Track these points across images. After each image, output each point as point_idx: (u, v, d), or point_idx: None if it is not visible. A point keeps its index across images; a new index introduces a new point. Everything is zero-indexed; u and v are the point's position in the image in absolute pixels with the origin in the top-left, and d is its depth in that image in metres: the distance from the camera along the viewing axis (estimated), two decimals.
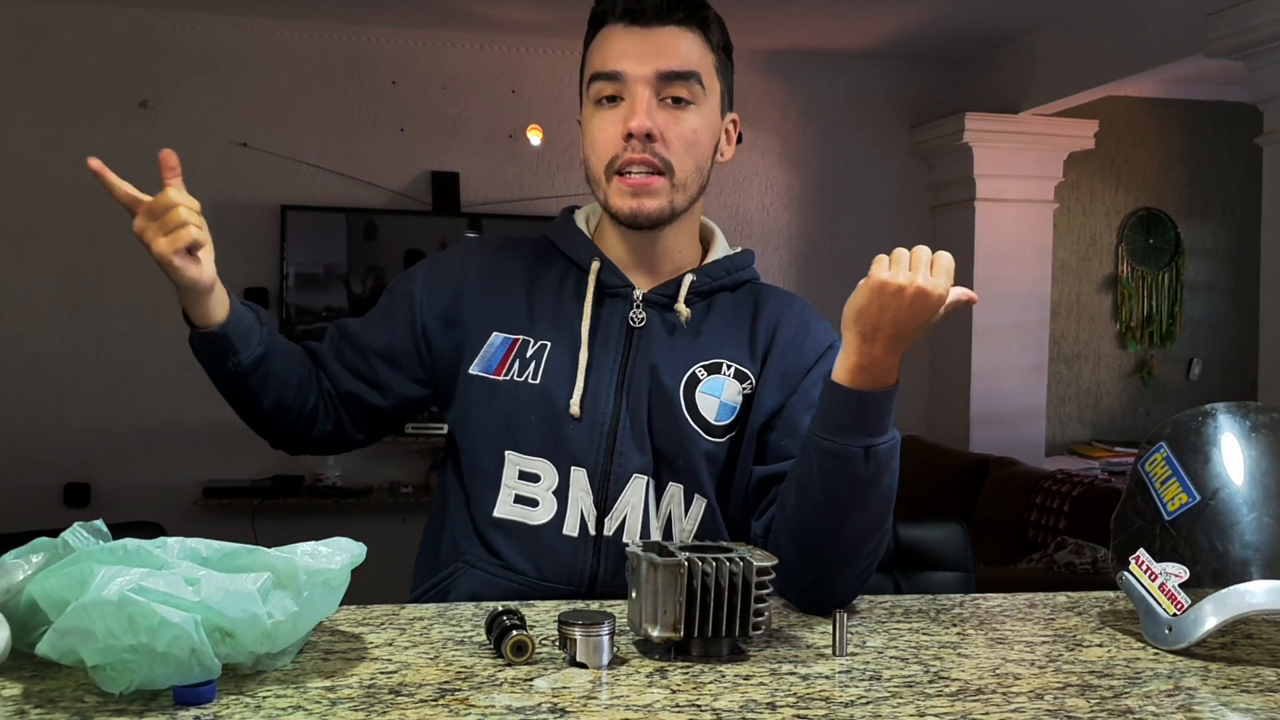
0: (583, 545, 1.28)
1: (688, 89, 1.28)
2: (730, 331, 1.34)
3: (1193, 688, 0.94)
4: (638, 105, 1.26)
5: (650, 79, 1.27)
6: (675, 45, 1.28)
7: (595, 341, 1.31)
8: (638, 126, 1.26)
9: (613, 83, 1.28)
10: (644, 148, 1.27)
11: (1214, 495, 1.07)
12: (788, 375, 1.32)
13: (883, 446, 1.15)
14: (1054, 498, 3.80)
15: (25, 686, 0.92)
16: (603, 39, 1.30)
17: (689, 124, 1.28)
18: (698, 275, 1.35)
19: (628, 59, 1.27)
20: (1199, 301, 5.38)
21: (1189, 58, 3.72)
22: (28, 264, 4.28)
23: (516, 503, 1.29)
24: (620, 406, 1.29)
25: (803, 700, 0.89)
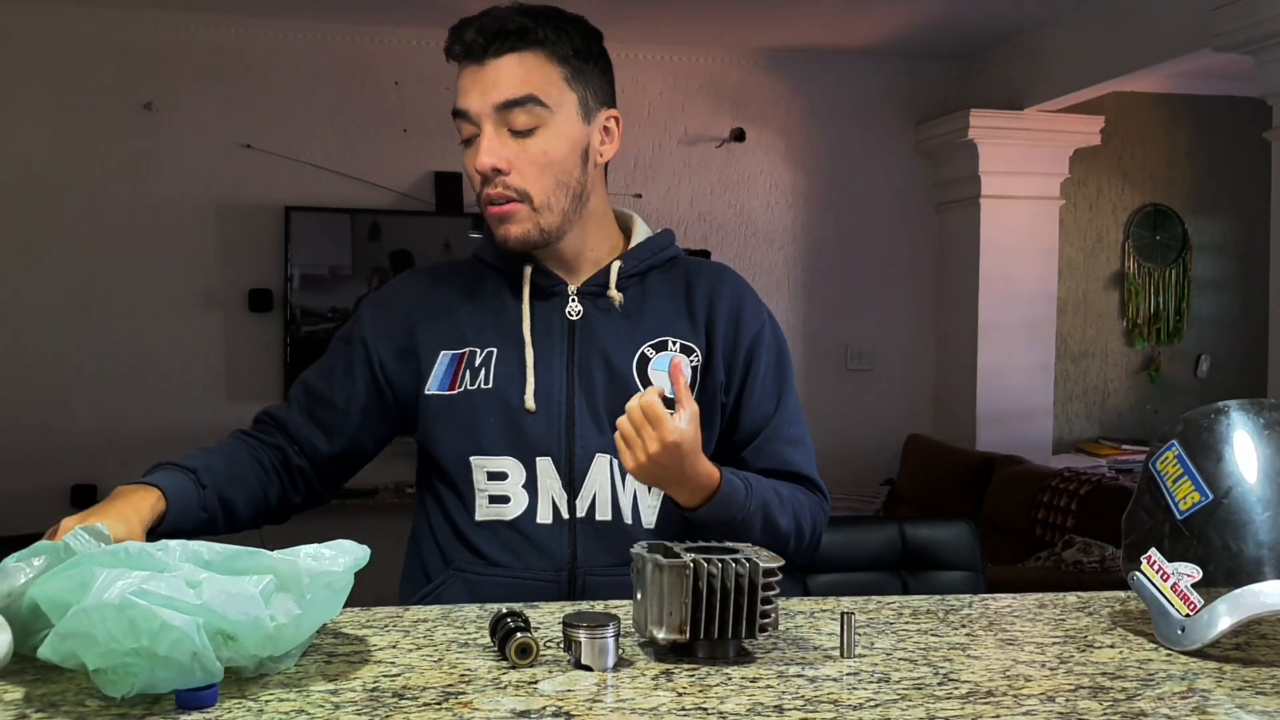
0: (558, 530, 1.33)
1: (526, 114, 1.31)
2: (669, 308, 1.40)
3: (1207, 690, 0.93)
4: (481, 142, 1.32)
5: (490, 113, 1.31)
6: (508, 74, 1.31)
7: (538, 339, 1.37)
8: (481, 165, 1.31)
9: (465, 121, 1.33)
10: (495, 182, 1.32)
11: (1227, 494, 1.05)
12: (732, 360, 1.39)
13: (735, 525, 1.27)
14: (1061, 496, 3.78)
15: (27, 690, 0.91)
16: (460, 78, 1.35)
17: (537, 148, 1.32)
18: (624, 260, 1.41)
19: (470, 97, 1.32)
20: (1206, 298, 5.36)
21: (1196, 52, 3.69)
22: (34, 266, 4.28)
23: (492, 503, 1.35)
24: (573, 394, 1.35)
25: (811, 703, 0.88)
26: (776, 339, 1.44)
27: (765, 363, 1.41)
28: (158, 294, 4.38)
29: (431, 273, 1.48)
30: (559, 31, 1.33)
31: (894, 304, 5.06)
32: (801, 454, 1.41)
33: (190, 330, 4.42)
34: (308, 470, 1.43)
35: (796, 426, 1.43)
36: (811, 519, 1.37)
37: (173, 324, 4.41)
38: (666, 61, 4.75)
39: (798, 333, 4.97)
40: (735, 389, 1.40)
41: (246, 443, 1.42)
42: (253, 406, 5.01)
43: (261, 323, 4.45)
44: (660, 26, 4.43)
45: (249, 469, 1.39)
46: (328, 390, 1.43)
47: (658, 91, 4.74)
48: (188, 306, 4.42)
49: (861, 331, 5.02)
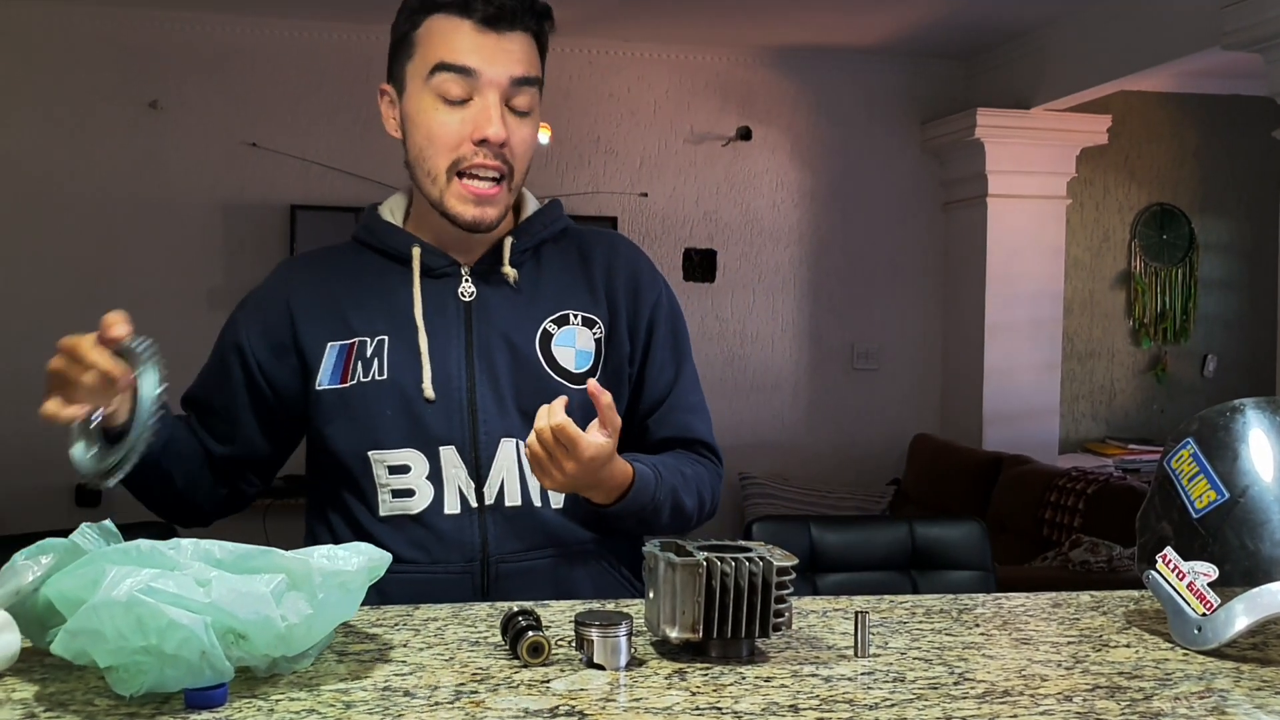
0: (467, 519, 1.30)
1: (528, 95, 1.30)
2: (566, 281, 1.37)
3: (1225, 689, 0.92)
4: (492, 111, 1.27)
5: (503, 84, 1.28)
6: (523, 51, 1.30)
7: (431, 323, 1.32)
8: (495, 135, 1.27)
9: (464, 79, 1.27)
10: (495, 153, 1.28)
11: (1243, 492, 1.04)
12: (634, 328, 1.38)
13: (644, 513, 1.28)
14: (1068, 495, 3.77)
15: (37, 689, 0.90)
16: (445, 29, 1.28)
17: (527, 130, 1.31)
18: (517, 236, 1.36)
19: (480, 59, 1.27)
20: (1213, 297, 5.34)
21: (1204, 51, 3.68)
22: (38, 264, 4.28)
23: (395, 498, 1.31)
24: (474, 378, 1.31)
25: (826, 703, 0.88)
26: (672, 306, 1.42)
27: (664, 330, 1.39)
28: (163, 293, 4.38)
29: (308, 261, 1.42)
30: (551, 23, 1.34)
31: (900, 303, 5.05)
32: (701, 420, 1.41)
33: (195, 329, 4.38)
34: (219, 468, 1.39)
35: (696, 394, 1.41)
36: (711, 490, 1.39)
37: (177, 323, 4.39)
38: (672, 60, 4.74)
39: (804, 332, 4.96)
40: (638, 360, 1.38)
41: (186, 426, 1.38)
42: None
43: None
44: (666, 25, 4.42)
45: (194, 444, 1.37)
46: (206, 396, 1.39)
47: (664, 90, 4.73)
48: (193, 305, 4.41)
49: (868, 331, 5.01)
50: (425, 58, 1.29)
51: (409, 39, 1.31)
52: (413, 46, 1.31)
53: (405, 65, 1.32)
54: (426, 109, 1.29)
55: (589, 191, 4.72)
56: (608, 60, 4.67)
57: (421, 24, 1.30)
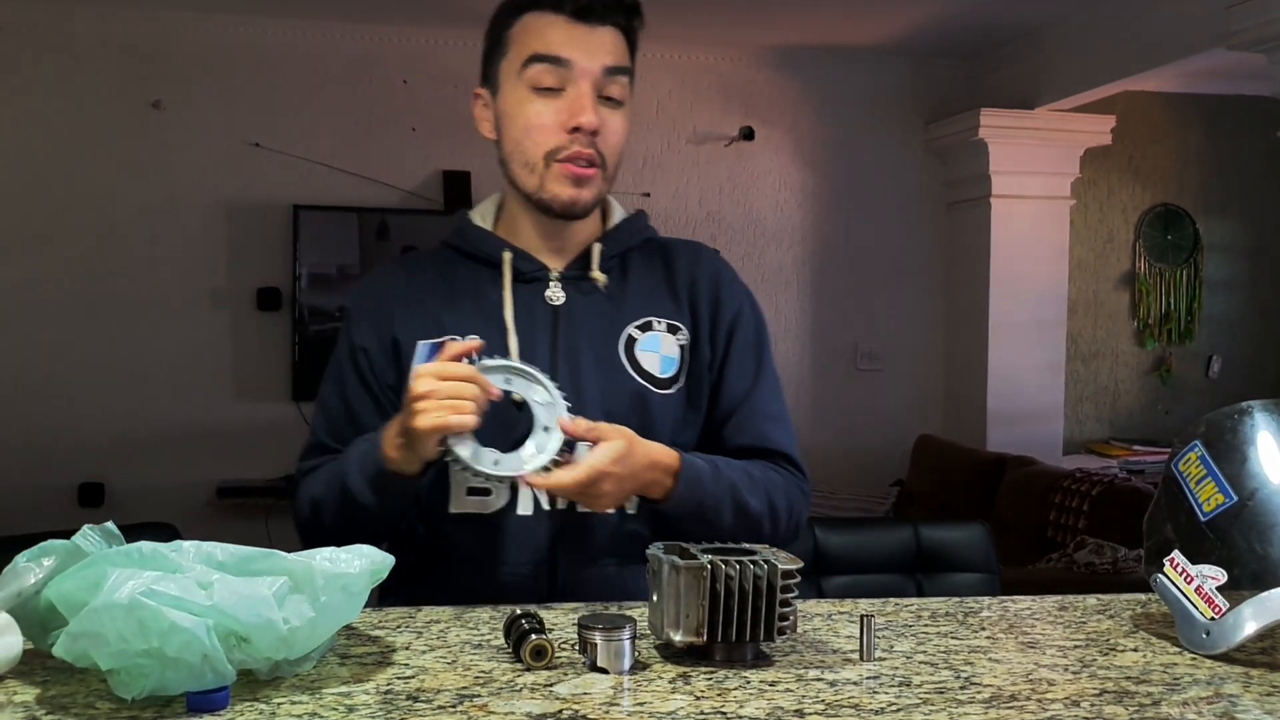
0: (537, 521, 1.30)
1: (620, 85, 1.33)
2: (651, 288, 1.39)
3: (1234, 695, 0.92)
4: (585, 100, 1.29)
5: (595, 73, 1.30)
6: (613, 43, 1.32)
7: (521, 325, 1.33)
8: (588, 122, 1.29)
9: (557, 69, 1.29)
10: (589, 142, 1.30)
11: (1252, 496, 1.04)
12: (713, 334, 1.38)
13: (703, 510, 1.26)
14: (1073, 497, 3.76)
15: (38, 691, 0.90)
16: (539, 25, 1.31)
17: (619, 121, 1.34)
18: (605, 242, 1.39)
19: (576, 49, 1.29)
20: (1218, 298, 5.33)
21: (1209, 51, 3.67)
22: (41, 264, 4.28)
23: (470, 494, 1.31)
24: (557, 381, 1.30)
25: (831, 707, 0.87)
26: (755, 316, 1.42)
27: (743, 339, 1.39)
28: (166, 293, 4.38)
29: (403, 264, 1.44)
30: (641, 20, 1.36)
31: (904, 304, 5.04)
32: (780, 430, 1.39)
33: (198, 329, 4.42)
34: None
35: (775, 403, 1.40)
36: (787, 498, 1.34)
37: (181, 323, 4.41)
38: (675, 60, 4.73)
39: (807, 332, 4.95)
40: (716, 367, 1.38)
41: None
42: (261, 406, 5.01)
43: (270, 321, 4.44)
44: (669, 25, 4.41)
45: None
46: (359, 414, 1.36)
47: (666, 90, 4.72)
48: (196, 305, 4.41)
49: (871, 331, 5.00)
50: (519, 52, 1.32)
51: (503, 39, 1.34)
52: (506, 45, 1.34)
53: (499, 64, 1.35)
54: (522, 101, 1.32)
55: None
56: None
57: (515, 23, 1.33)
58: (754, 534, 1.28)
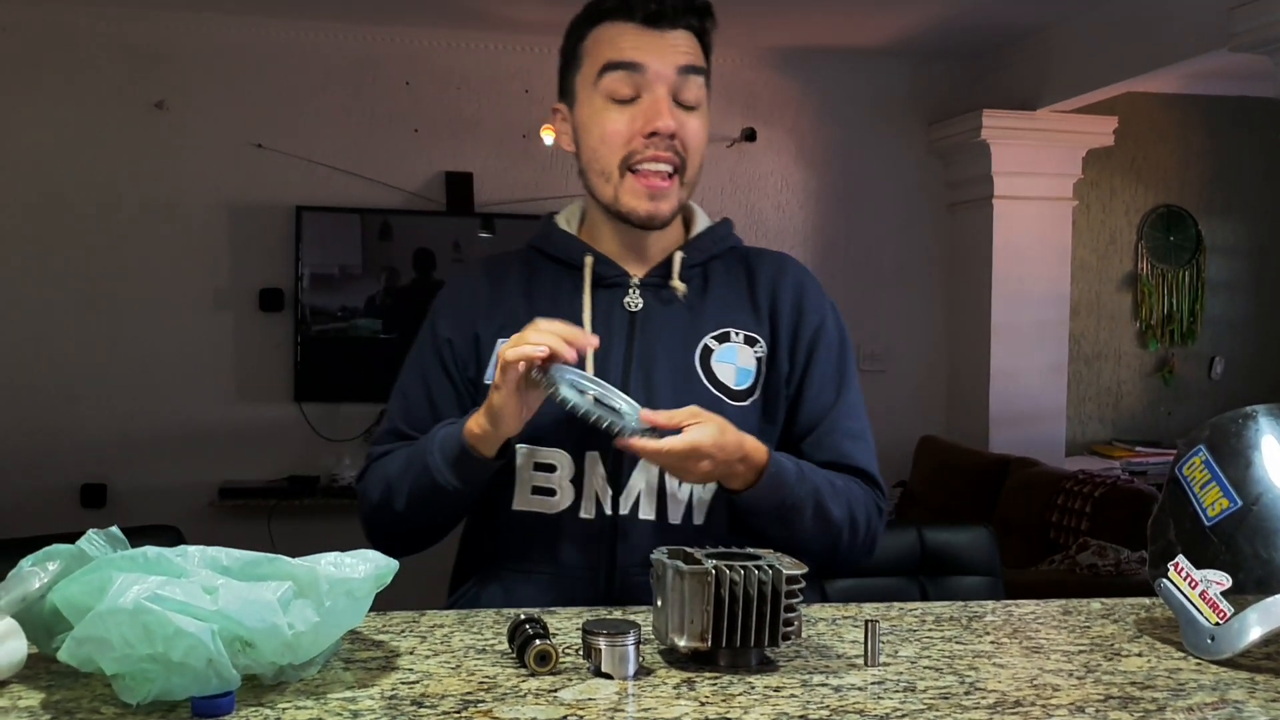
0: (599, 526, 1.30)
1: (697, 87, 1.32)
2: (731, 299, 1.38)
3: (1239, 700, 0.91)
4: (660, 104, 1.29)
5: (670, 76, 1.30)
6: (689, 44, 1.32)
7: (598, 330, 1.33)
8: (664, 126, 1.29)
9: (632, 75, 1.30)
10: (667, 145, 1.30)
11: (1256, 500, 1.04)
12: (793, 347, 1.37)
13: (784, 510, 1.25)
14: (1075, 498, 3.76)
15: (43, 696, 0.90)
16: (611, 34, 1.31)
17: (696, 125, 1.33)
18: (687, 251, 1.38)
19: (648, 54, 1.30)
20: (1220, 299, 5.32)
21: (1212, 52, 3.66)
22: (43, 265, 4.28)
23: (534, 494, 1.31)
24: (628, 387, 1.31)
25: (836, 713, 0.87)
26: (839, 331, 1.41)
27: (826, 354, 1.38)
28: (168, 293, 4.38)
29: (489, 264, 1.45)
30: (713, 21, 1.35)
31: (906, 305, 5.03)
32: (861, 448, 1.37)
33: (201, 329, 4.42)
34: None
35: (857, 420, 1.38)
36: (866, 513, 1.33)
37: (183, 323, 4.41)
38: None
39: None
40: (796, 380, 1.37)
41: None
42: (263, 406, 5.01)
43: (272, 322, 4.45)
44: None
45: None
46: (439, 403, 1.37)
47: None
48: (198, 306, 4.42)
49: (873, 332, 5.00)
50: (593, 63, 1.32)
51: (577, 51, 1.36)
52: (580, 58, 1.35)
53: (574, 77, 1.36)
54: (598, 111, 1.32)
55: None
56: None
57: (588, 35, 1.34)
58: (832, 542, 1.28)
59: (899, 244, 5.01)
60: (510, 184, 4.65)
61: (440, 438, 1.27)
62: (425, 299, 5.11)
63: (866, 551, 1.35)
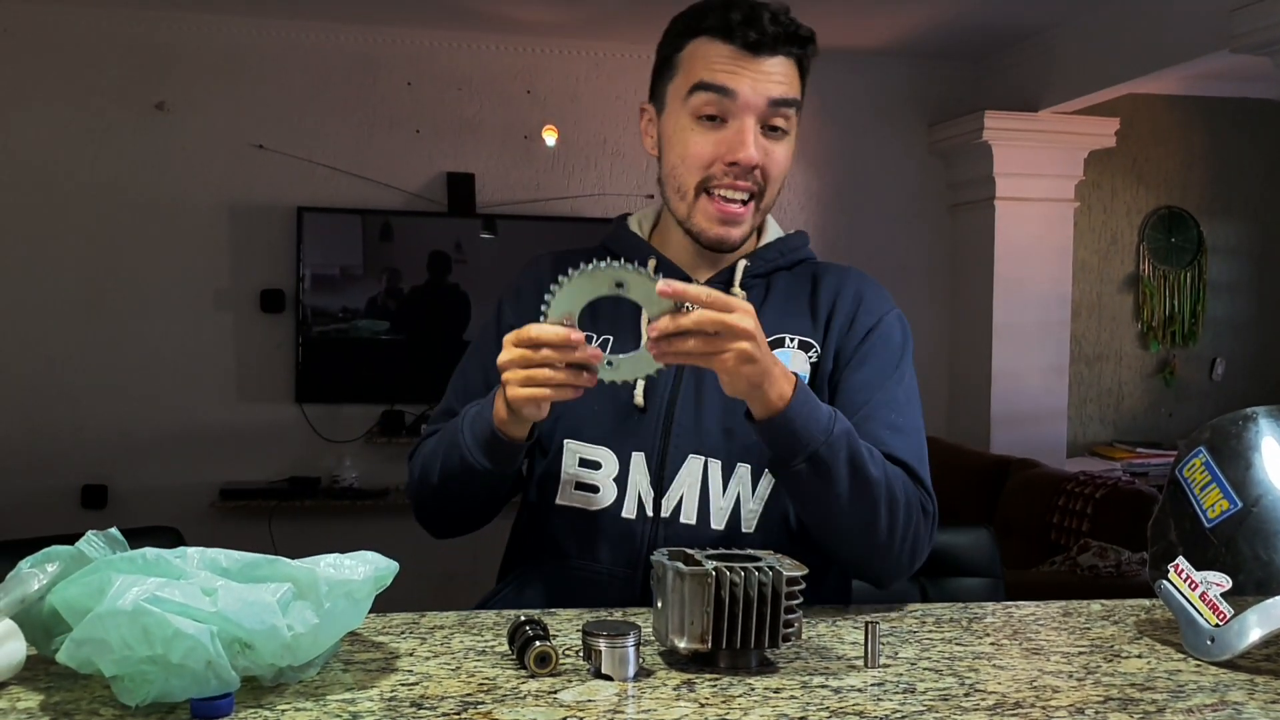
0: (640, 526, 1.29)
1: (785, 118, 1.31)
2: (790, 308, 1.37)
3: (1239, 702, 0.91)
4: (746, 134, 1.28)
5: (761, 107, 1.28)
6: (783, 74, 1.30)
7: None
8: (747, 159, 1.28)
9: (721, 98, 1.28)
10: (747, 175, 1.29)
11: (1256, 502, 1.03)
12: (842, 350, 1.35)
13: (819, 450, 1.16)
14: (1076, 500, 3.75)
15: (42, 698, 0.90)
16: (708, 51, 1.29)
17: (781, 153, 1.32)
18: (751, 260, 1.38)
19: (741, 81, 1.28)
20: (1222, 301, 5.32)
21: (1214, 54, 3.66)
22: (45, 265, 4.29)
23: (578, 489, 1.32)
24: (679, 390, 1.31)
25: (836, 714, 0.87)
26: (901, 334, 1.37)
27: (874, 348, 1.34)
28: (169, 294, 4.39)
29: (558, 258, 1.43)
30: (814, 46, 1.34)
31: (907, 306, 4.93)
32: (903, 441, 1.29)
33: (202, 330, 4.42)
34: None
35: (900, 415, 1.31)
36: (906, 497, 1.23)
37: (184, 324, 4.41)
38: None
39: None
40: (841, 369, 1.33)
41: None
42: (264, 407, 5.01)
43: (273, 323, 4.45)
44: None
45: None
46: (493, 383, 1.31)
47: None
48: (199, 307, 4.42)
49: None
50: (686, 78, 1.31)
51: (672, 60, 1.34)
52: (675, 68, 1.33)
53: (667, 85, 1.34)
54: (683, 128, 1.31)
55: (595, 194, 4.72)
56: (615, 62, 4.67)
57: (685, 46, 1.32)
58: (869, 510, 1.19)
59: (900, 245, 5.01)
60: (512, 185, 4.65)
61: (471, 416, 1.27)
62: (439, 302, 5.08)
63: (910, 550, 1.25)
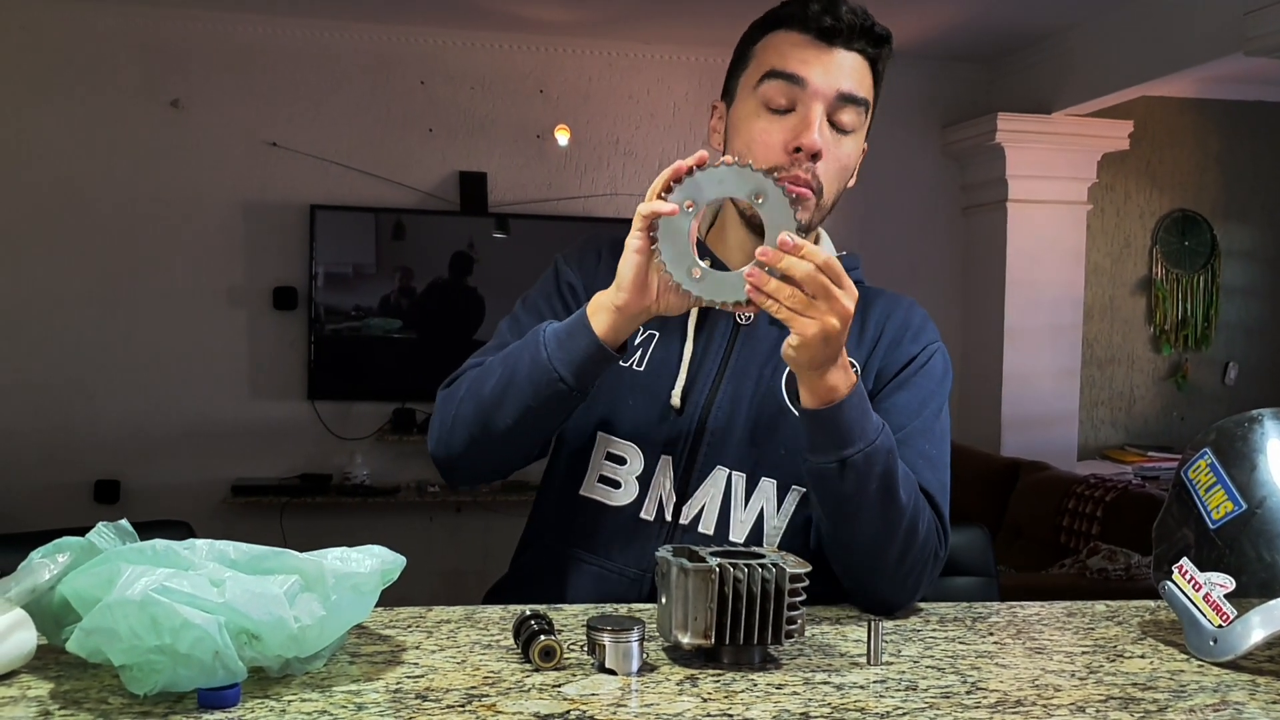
0: (657, 529, 1.29)
1: (855, 115, 1.29)
2: None
3: (1240, 702, 0.91)
4: (812, 121, 1.26)
5: (829, 97, 1.27)
6: (854, 70, 1.29)
7: (701, 335, 1.33)
8: (810, 144, 1.26)
9: (791, 87, 1.27)
10: (809, 166, 1.27)
11: (1261, 504, 1.04)
12: (882, 373, 1.34)
13: (856, 456, 1.14)
14: (1086, 503, 3.75)
15: (52, 686, 0.91)
16: (781, 41, 1.29)
17: (845, 150, 1.30)
18: None
19: (813, 69, 1.27)
20: (1235, 304, 5.30)
21: (1228, 56, 3.65)
22: (59, 262, 4.32)
23: (600, 482, 1.31)
24: (716, 397, 1.30)
25: (837, 710, 0.87)
26: (944, 366, 1.37)
27: (913, 379, 1.33)
28: (182, 291, 4.41)
29: (614, 241, 1.38)
30: (889, 49, 1.33)
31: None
32: (933, 475, 1.30)
33: (215, 327, 4.45)
34: None
35: (935, 448, 1.32)
36: (925, 532, 1.23)
37: (197, 321, 4.44)
38: (692, 62, 4.74)
39: None
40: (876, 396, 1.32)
41: None
42: (276, 404, 5.03)
43: (286, 320, 4.47)
44: (686, 27, 4.42)
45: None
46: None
47: (683, 92, 4.73)
48: (212, 303, 4.44)
49: None
50: (758, 67, 1.31)
51: (747, 54, 1.34)
52: (749, 59, 1.33)
53: (739, 76, 1.34)
54: (751, 115, 1.30)
55: (607, 194, 4.73)
56: (627, 62, 4.68)
57: (761, 39, 1.32)
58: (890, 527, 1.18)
59: (913, 246, 5.01)
60: (524, 184, 4.66)
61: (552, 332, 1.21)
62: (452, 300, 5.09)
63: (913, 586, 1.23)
